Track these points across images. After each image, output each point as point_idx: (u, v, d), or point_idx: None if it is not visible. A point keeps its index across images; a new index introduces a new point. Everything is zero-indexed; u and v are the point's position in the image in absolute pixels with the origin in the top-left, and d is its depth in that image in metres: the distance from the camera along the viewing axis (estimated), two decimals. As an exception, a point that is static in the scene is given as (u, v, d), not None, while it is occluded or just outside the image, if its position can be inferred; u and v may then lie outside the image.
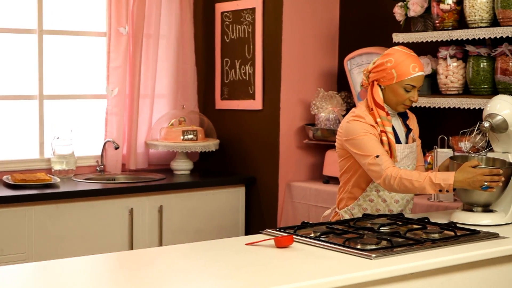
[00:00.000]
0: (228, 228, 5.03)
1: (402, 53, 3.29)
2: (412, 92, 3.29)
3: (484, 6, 3.88)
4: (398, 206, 3.39)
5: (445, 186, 3.11)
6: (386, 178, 3.17)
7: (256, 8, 5.07)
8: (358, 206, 3.39)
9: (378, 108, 3.30)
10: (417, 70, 3.26)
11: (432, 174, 3.14)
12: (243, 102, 5.21)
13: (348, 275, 2.42)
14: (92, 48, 5.21)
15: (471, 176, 3.12)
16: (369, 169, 3.23)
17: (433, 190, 3.13)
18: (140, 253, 2.95)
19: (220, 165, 5.42)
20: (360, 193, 3.38)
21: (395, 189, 3.18)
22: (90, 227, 4.49)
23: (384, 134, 3.27)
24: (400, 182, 3.15)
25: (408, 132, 3.42)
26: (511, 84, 3.83)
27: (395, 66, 3.26)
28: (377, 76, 3.31)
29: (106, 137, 5.12)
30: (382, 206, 3.37)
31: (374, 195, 3.37)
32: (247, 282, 2.34)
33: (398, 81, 3.27)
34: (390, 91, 3.30)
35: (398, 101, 3.30)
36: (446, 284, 2.69)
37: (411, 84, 3.27)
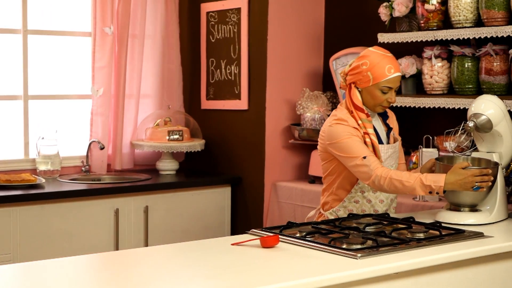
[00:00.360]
0: (214, 228, 5.03)
1: (377, 55, 3.28)
2: (389, 94, 3.28)
3: (468, 6, 3.90)
4: (383, 206, 3.40)
5: (435, 188, 3.11)
6: (376, 178, 3.16)
7: (241, 8, 5.07)
8: (344, 207, 3.39)
9: (357, 111, 3.29)
10: (393, 72, 3.25)
11: (422, 176, 3.14)
12: (228, 102, 5.21)
13: (333, 274, 2.43)
14: (77, 48, 5.19)
15: (462, 177, 3.13)
16: (357, 170, 3.22)
17: (423, 192, 3.13)
18: (126, 253, 2.95)
19: (206, 165, 5.41)
20: (345, 195, 3.38)
21: (385, 189, 3.18)
22: (75, 227, 4.47)
23: (367, 136, 3.27)
24: (390, 183, 3.15)
25: (389, 131, 3.42)
26: (495, 84, 3.85)
27: (370, 68, 3.25)
28: (353, 78, 3.31)
29: (91, 137, 5.10)
30: (367, 206, 3.38)
31: (359, 196, 3.37)
32: (233, 282, 2.35)
33: (374, 83, 3.26)
34: (367, 93, 3.29)
35: (376, 103, 3.30)
36: (431, 283, 2.70)
37: (387, 86, 3.26)
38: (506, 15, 3.76)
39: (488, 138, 3.40)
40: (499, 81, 3.84)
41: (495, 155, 3.37)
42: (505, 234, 3.15)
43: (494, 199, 3.31)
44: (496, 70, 3.84)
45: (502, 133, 3.35)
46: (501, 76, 3.84)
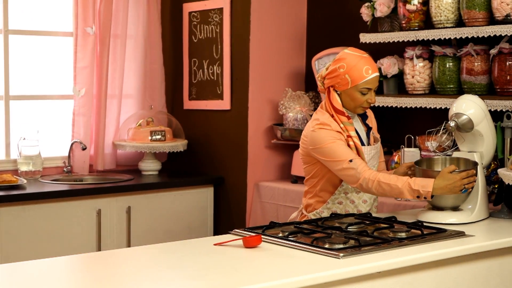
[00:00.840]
0: (197, 228, 5.03)
1: (354, 57, 3.26)
2: (368, 94, 3.27)
3: (449, 6, 3.92)
4: (367, 206, 3.40)
5: (423, 193, 3.12)
6: (364, 181, 3.16)
7: (223, 8, 5.06)
8: (327, 209, 3.38)
9: (338, 114, 3.28)
10: (371, 72, 3.24)
11: (411, 180, 3.14)
12: (211, 102, 5.21)
13: (316, 274, 2.43)
14: (58, 48, 5.17)
15: (451, 182, 3.14)
16: (343, 174, 3.21)
17: (411, 196, 3.13)
18: (108, 254, 2.94)
19: (189, 165, 5.41)
20: (329, 197, 3.38)
21: (373, 192, 3.18)
22: (57, 228, 4.45)
23: (350, 139, 3.27)
24: (378, 186, 3.15)
25: (369, 131, 3.43)
26: (476, 84, 3.87)
27: (348, 71, 3.23)
28: (331, 82, 3.29)
29: (73, 137, 5.08)
30: (350, 207, 3.38)
31: (342, 197, 3.37)
32: (216, 283, 2.34)
33: (353, 85, 3.24)
34: (347, 95, 3.28)
35: (356, 104, 3.29)
36: (413, 282, 2.72)
37: (366, 87, 3.25)
38: (487, 15, 3.78)
39: (469, 137, 3.42)
40: (480, 81, 3.87)
41: (476, 155, 3.38)
42: (486, 233, 3.17)
43: (475, 198, 3.33)
44: (477, 70, 3.86)
45: (483, 132, 3.37)
46: (482, 76, 3.86)
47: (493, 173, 3.69)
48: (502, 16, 3.69)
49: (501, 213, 3.44)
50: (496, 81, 3.78)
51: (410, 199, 3.97)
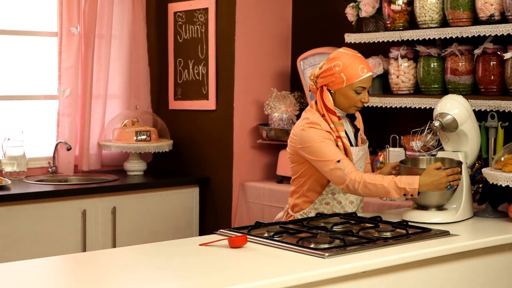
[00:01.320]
0: (182, 228, 5.02)
1: (349, 56, 3.28)
2: (362, 94, 3.28)
3: (434, 7, 3.94)
4: (353, 207, 3.41)
5: (410, 190, 3.13)
6: (350, 182, 3.16)
7: (209, 8, 5.06)
8: (315, 209, 3.38)
9: (329, 114, 3.28)
10: (366, 71, 3.26)
11: (396, 178, 3.15)
12: (196, 103, 5.20)
13: (301, 274, 2.44)
14: (43, 48, 5.15)
15: (437, 179, 3.16)
16: (331, 174, 3.21)
17: (398, 195, 3.14)
18: (93, 255, 2.93)
19: (174, 165, 5.40)
20: (316, 197, 3.38)
21: (359, 193, 3.18)
22: (42, 229, 4.44)
23: (339, 140, 3.27)
24: (364, 187, 3.15)
25: (357, 132, 3.44)
26: (460, 83, 3.89)
27: (343, 69, 3.25)
28: (325, 81, 3.29)
29: (58, 138, 5.06)
30: (337, 208, 3.38)
31: (330, 198, 3.38)
32: (201, 283, 2.34)
33: (348, 84, 3.25)
34: (341, 95, 3.28)
35: (350, 104, 3.30)
36: (398, 281, 2.73)
37: (361, 86, 3.26)
38: (471, 16, 3.80)
39: (453, 137, 3.43)
40: (464, 81, 3.88)
41: (461, 154, 3.40)
42: (470, 233, 3.19)
43: (460, 198, 3.34)
44: (462, 70, 3.88)
45: (467, 132, 3.39)
46: (466, 76, 3.88)
47: (478, 172, 3.71)
48: (486, 16, 3.71)
49: (486, 213, 3.46)
50: (480, 81, 3.80)
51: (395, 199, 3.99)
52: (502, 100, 3.66)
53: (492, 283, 3.05)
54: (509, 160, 3.26)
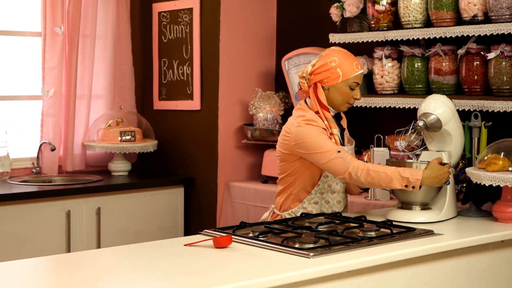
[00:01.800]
0: (167, 229, 5.01)
1: (343, 53, 3.34)
2: (356, 90, 3.33)
3: (417, 7, 3.95)
4: (340, 207, 3.42)
5: (413, 181, 3.14)
6: (353, 170, 3.17)
7: (193, 8, 5.06)
8: (303, 209, 3.39)
9: (324, 110, 3.30)
10: (360, 68, 3.32)
11: (400, 169, 3.18)
12: (181, 103, 5.20)
13: (286, 274, 2.44)
14: (27, 48, 5.13)
15: (441, 173, 3.20)
16: (331, 164, 3.21)
17: (399, 185, 3.16)
18: (78, 255, 2.92)
19: (159, 166, 5.39)
20: (306, 196, 3.38)
21: (361, 181, 3.18)
22: (26, 230, 4.42)
23: (332, 137, 3.30)
24: (367, 174, 3.16)
25: (342, 131, 3.45)
26: (444, 83, 3.91)
27: (339, 65, 3.29)
28: (320, 77, 3.31)
29: (42, 138, 5.04)
30: (325, 207, 3.39)
31: (318, 197, 3.38)
32: (186, 283, 2.34)
33: (344, 79, 3.29)
34: (335, 90, 3.31)
35: (344, 99, 3.33)
36: (382, 281, 2.73)
37: (355, 82, 3.31)
38: (455, 16, 3.82)
39: (437, 137, 3.45)
40: (448, 81, 3.90)
41: (445, 154, 3.42)
42: (454, 232, 3.20)
43: (443, 197, 3.36)
44: (445, 70, 3.90)
45: (451, 132, 3.40)
46: (450, 76, 3.90)
47: (461, 172, 3.73)
48: (470, 16, 3.73)
49: (469, 212, 3.48)
50: (464, 81, 3.82)
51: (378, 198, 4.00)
52: (485, 100, 3.68)
53: (475, 282, 3.07)
54: (492, 160, 3.28)
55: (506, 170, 3.25)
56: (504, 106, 3.59)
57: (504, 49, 3.63)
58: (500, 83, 3.65)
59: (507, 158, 3.28)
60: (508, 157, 3.29)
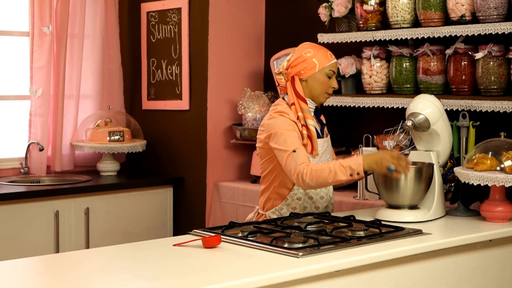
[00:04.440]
0: (156, 229, 5.01)
1: (313, 45, 3.41)
2: (332, 79, 3.37)
3: (406, 7, 3.96)
4: (324, 202, 3.43)
5: (355, 167, 3.13)
6: (299, 174, 3.17)
7: (182, 8, 5.05)
8: (287, 205, 3.40)
9: (300, 100, 3.33)
10: (333, 57, 3.38)
11: (341, 160, 3.18)
12: (170, 103, 5.19)
13: (275, 273, 2.44)
14: (14, 48, 5.11)
15: (379, 156, 3.19)
16: (286, 164, 3.22)
17: (345, 175, 3.14)
18: (66, 256, 2.92)
19: (148, 165, 5.38)
20: (288, 193, 3.39)
21: (308, 183, 3.17)
22: (14, 230, 4.40)
23: (305, 128, 3.30)
24: (311, 175, 3.15)
25: (323, 127, 3.46)
26: (432, 83, 3.92)
27: (314, 55, 3.34)
28: (297, 69, 3.35)
29: (30, 138, 5.03)
30: (309, 203, 3.40)
31: (301, 193, 3.39)
32: (175, 283, 2.34)
33: (320, 68, 3.33)
34: (313, 81, 3.35)
35: (322, 89, 3.36)
36: (372, 280, 2.74)
37: (332, 70, 3.36)
38: (443, 16, 3.83)
39: (426, 137, 3.46)
40: (436, 80, 3.91)
41: (433, 154, 3.43)
42: (442, 231, 3.21)
43: (432, 197, 3.37)
44: (433, 70, 3.91)
45: (439, 131, 3.42)
46: (438, 76, 3.91)
47: (450, 171, 3.74)
48: (457, 16, 3.75)
49: (458, 211, 3.49)
50: (452, 80, 3.83)
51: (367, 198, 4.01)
52: (473, 100, 3.69)
53: (464, 281, 3.08)
54: (480, 159, 3.30)
55: (494, 170, 3.27)
56: (491, 106, 3.61)
57: (492, 49, 3.64)
58: (487, 83, 3.67)
59: (495, 158, 3.30)
60: (496, 157, 3.30)
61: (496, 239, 3.19)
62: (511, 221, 3.34)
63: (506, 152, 3.28)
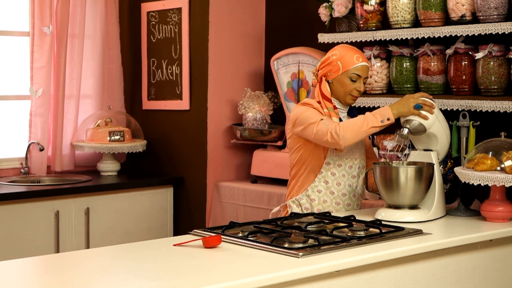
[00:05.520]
0: (157, 229, 5.01)
1: (345, 47, 3.47)
2: (358, 82, 3.42)
3: (406, 7, 3.96)
4: (345, 200, 3.46)
5: (384, 113, 3.27)
6: (332, 130, 3.27)
7: (182, 8, 5.05)
8: (307, 196, 3.47)
9: (325, 100, 3.42)
10: (361, 60, 3.42)
11: (368, 112, 3.31)
12: (170, 103, 5.19)
13: (276, 273, 2.44)
14: (15, 48, 5.11)
15: (404, 99, 3.33)
16: (317, 133, 3.31)
17: (376, 122, 3.26)
18: (67, 256, 2.91)
19: (148, 165, 5.38)
20: (309, 184, 3.47)
21: (343, 135, 3.25)
22: (15, 230, 4.40)
23: None
24: (344, 127, 3.26)
25: None
26: (433, 83, 3.92)
27: (340, 58, 3.41)
28: (324, 71, 3.45)
29: (30, 138, 5.03)
30: (329, 198, 3.45)
31: (322, 186, 3.46)
32: (175, 283, 2.34)
33: (343, 71, 3.41)
34: (337, 82, 3.43)
35: (346, 91, 3.43)
36: (372, 280, 2.74)
37: (356, 73, 3.41)
38: (443, 16, 3.83)
39: (424, 139, 3.45)
40: (436, 80, 3.91)
41: (433, 154, 3.42)
42: (443, 231, 3.21)
43: (432, 197, 3.37)
44: (434, 70, 3.91)
45: (436, 133, 3.40)
46: (439, 76, 3.91)
47: (450, 171, 3.74)
48: (458, 16, 3.75)
49: (458, 211, 3.49)
50: (452, 80, 3.83)
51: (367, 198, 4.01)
52: (473, 100, 3.69)
53: (464, 281, 3.08)
54: (480, 159, 3.29)
55: (494, 170, 3.27)
56: (492, 106, 3.61)
57: (492, 49, 3.64)
58: (488, 83, 3.67)
59: (495, 158, 3.29)
60: (496, 157, 3.30)
61: (496, 239, 3.19)
62: (511, 221, 3.34)
63: (507, 152, 3.27)
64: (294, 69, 4.66)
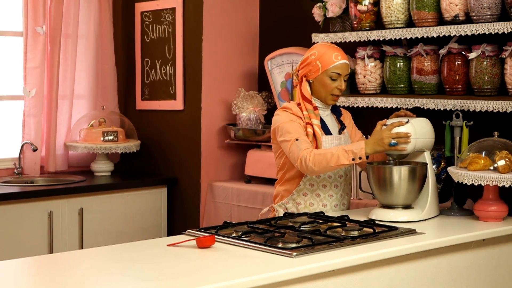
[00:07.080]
0: (150, 229, 5.00)
1: (324, 45, 3.44)
2: (338, 81, 3.39)
3: (399, 7, 3.97)
4: (333, 201, 3.45)
5: (357, 151, 3.19)
6: (302, 159, 3.23)
7: (176, 8, 5.05)
8: (292, 200, 3.46)
9: (305, 102, 3.39)
10: (340, 58, 3.39)
11: (343, 146, 3.24)
12: (164, 103, 5.19)
13: (269, 273, 2.44)
14: (8, 48, 5.10)
15: (378, 135, 3.24)
16: (290, 152, 3.29)
17: (347, 160, 3.19)
18: (60, 256, 2.91)
19: (142, 166, 5.38)
20: (294, 188, 3.45)
21: (311, 167, 3.22)
22: (8, 231, 4.39)
23: (310, 126, 3.35)
24: (314, 159, 3.21)
25: (342, 129, 3.49)
26: (426, 83, 3.93)
27: (318, 57, 3.38)
28: (304, 71, 3.42)
29: (23, 139, 5.02)
30: (316, 200, 3.44)
31: (308, 189, 3.44)
32: (169, 284, 2.34)
33: (323, 70, 3.37)
34: (318, 83, 3.40)
35: (327, 91, 3.40)
36: (365, 280, 2.74)
37: (336, 72, 3.38)
38: (436, 16, 3.84)
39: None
40: (429, 80, 3.92)
41: (427, 153, 3.43)
42: (436, 231, 3.22)
43: (425, 196, 3.37)
44: (427, 70, 3.92)
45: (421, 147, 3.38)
46: (432, 76, 3.92)
47: (443, 171, 3.75)
48: (451, 16, 3.75)
49: (451, 211, 3.50)
50: (446, 80, 3.84)
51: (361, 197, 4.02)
52: (467, 100, 3.70)
53: (458, 281, 3.09)
54: (474, 159, 3.30)
55: (487, 169, 3.28)
56: (485, 106, 3.62)
57: (485, 49, 3.65)
58: (481, 83, 3.67)
59: (488, 157, 3.31)
60: (490, 156, 3.31)
61: (489, 239, 3.20)
62: (504, 220, 3.35)
63: (500, 151, 3.29)
64: (288, 69, 4.66)
